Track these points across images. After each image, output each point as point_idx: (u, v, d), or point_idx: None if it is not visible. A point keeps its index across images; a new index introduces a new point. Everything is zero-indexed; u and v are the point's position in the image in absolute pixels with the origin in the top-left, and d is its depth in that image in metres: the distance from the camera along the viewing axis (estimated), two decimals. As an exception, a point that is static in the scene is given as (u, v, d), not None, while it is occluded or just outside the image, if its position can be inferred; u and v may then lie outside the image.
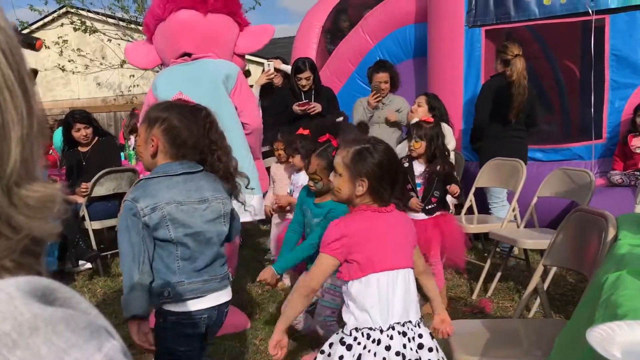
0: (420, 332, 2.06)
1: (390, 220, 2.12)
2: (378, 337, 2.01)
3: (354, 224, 2.08)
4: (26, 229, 0.48)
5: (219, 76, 3.41)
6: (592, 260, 2.16)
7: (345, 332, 2.07)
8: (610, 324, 1.26)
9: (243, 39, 3.63)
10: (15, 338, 0.39)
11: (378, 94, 5.26)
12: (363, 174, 2.06)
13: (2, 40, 0.48)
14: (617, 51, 5.31)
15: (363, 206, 2.10)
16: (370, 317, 2.03)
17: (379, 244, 2.07)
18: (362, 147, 2.10)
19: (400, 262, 2.10)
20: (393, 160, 2.13)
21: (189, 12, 3.49)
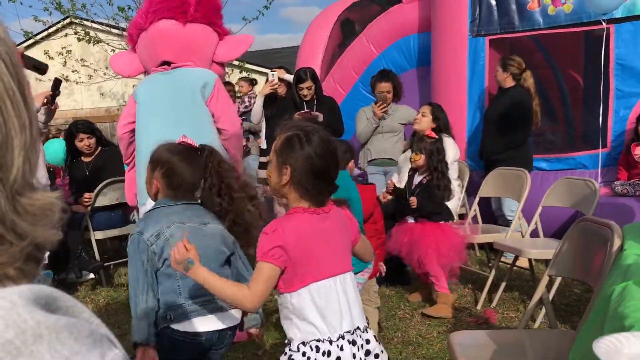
0: (368, 338, 1.96)
1: (327, 222, 1.95)
2: (327, 348, 1.88)
3: (289, 230, 1.88)
4: (30, 235, 0.48)
5: (197, 84, 3.46)
6: (597, 270, 2.15)
7: (293, 349, 1.93)
8: (617, 335, 1.25)
9: (222, 47, 3.69)
10: (19, 345, 0.39)
11: (384, 105, 5.26)
12: (287, 162, 1.89)
13: (3, 51, 0.48)
14: (622, 60, 5.32)
15: (299, 208, 1.93)
16: (316, 329, 1.90)
17: (318, 251, 1.92)
18: (293, 134, 1.93)
19: (340, 266, 1.97)
20: (326, 153, 1.92)
21: (169, 21, 3.58)
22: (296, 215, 1.93)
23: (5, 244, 0.47)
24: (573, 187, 4.03)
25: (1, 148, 0.47)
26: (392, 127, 5.36)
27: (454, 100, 5.84)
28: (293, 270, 1.89)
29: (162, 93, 3.53)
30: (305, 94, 5.20)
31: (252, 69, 13.59)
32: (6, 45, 0.49)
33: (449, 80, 5.97)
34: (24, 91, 0.50)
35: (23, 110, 0.49)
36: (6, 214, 0.47)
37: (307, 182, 1.89)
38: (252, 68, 13.67)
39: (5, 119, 0.47)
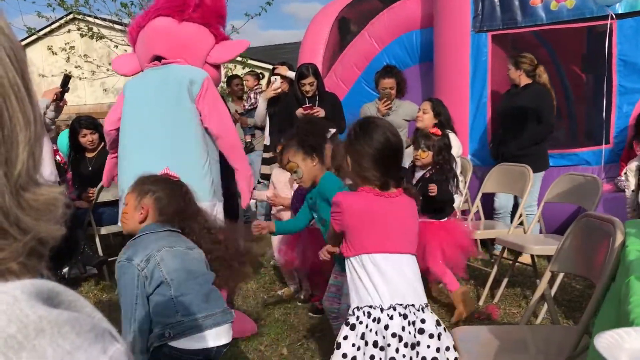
0: (424, 317, 2.05)
1: (391, 204, 2.13)
2: (378, 315, 2.02)
3: (350, 200, 2.14)
4: (35, 231, 0.48)
5: (184, 81, 3.46)
6: (599, 266, 2.15)
7: (350, 313, 2.11)
8: (619, 330, 1.25)
9: (216, 49, 3.70)
10: (21, 340, 0.39)
11: (388, 101, 5.24)
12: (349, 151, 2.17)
13: (7, 46, 0.48)
14: (624, 56, 5.30)
15: (366, 188, 2.14)
16: (369, 295, 2.05)
17: (374, 226, 2.09)
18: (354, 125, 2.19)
19: (399, 246, 2.11)
20: (387, 143, 2.14)
21: (165, 18, 3.61)
22: (361, 192, 2.16)
23: (9, 239, 0.47)
24: (576, 183, 4.02)
25: (6, 143, 0.47)
26: (396, 123, 5.33)
27: (457, 96, 5.83)
28: (350, 237, 2.12)
29: (148, 88, 3.55)
30: (308, 89, 5.19)
31: (255, 65, 13.58)
32: (10, 42, 0.49)
33: (451, 76, 5.96)
34: (29, 87, 0.50)
35: (28, 106, 0.49)
36: (10, 209, 0.47)
37: (370, 168, 2.12)
38: (255, 64, 13.67)
39: (10, 114, 0.47)
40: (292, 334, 3.70)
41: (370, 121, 2.21)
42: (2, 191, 0.46)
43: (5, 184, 0.47)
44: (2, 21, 0.49)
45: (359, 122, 2.21)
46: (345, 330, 2.08)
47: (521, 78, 5.21)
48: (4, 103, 0.47)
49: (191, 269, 2.21)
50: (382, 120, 2.22)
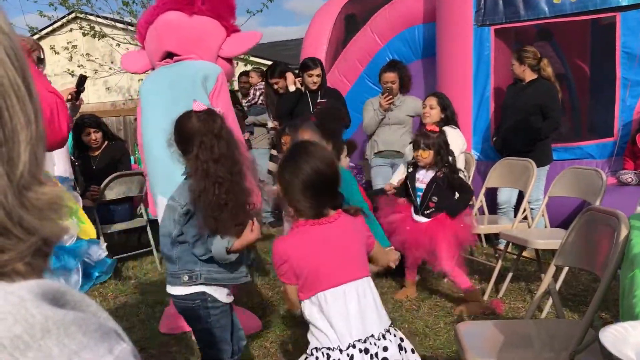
0: (385, 345, 1.94)
1: (331, 231, 1.99)
2: (337, 357, 1.91)
3: (291, 246, 2.00)
4: (39, 231, 0.48)
5: (198, 76, 3.42)
6: (604, 260, 2.15)
7: (307, 352, 2.00)
8: (624, 324, 1.25)
9: (228, 43, 3.65)
10: (27, 340, 0.39)
11: (390, 96, 5.23)
12: (280, 181, 2.02)
13: (7, 45, 0.48)
14: (628, 49, 5.28)
15: (301, 221, 2.01)
16: (327, 337, 1.94)
17: (323, 260, 1.96)
18: (285, 155, 2.07)
19: (349, 274, 1.98)
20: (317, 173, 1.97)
21: (174, 13, 3.56)
22: (298, 229, 2.02)
23: (12, 239, 0.47)
24: (580, 177, 4.01)
25: (7, 143, 0.47)
26: (399, 118, 5.34)
27: (459, 91, 5.82)
28: (302, 281, 1.98)
29: (163, 85, 3.52)
30: (315, 81, 5.18)
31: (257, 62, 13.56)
32: (11, 40, 0.49)
33: (454, 70, 5.95)
34: (29, 86, 0.50)
35: (29, 105, 0.49)
36: (13, 208, 0.47)
37: (300, 199, 1.97)
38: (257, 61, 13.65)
39: (11, 114, 0.47)
40: (297, 330, 3.71)
41: (301, 148, 2.04)
42: (5, 191, 0.46)
43: (7, 183, 0.47)
44: (2, 20, 0.49)
45: (290, 148, 2.08)
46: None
47: (526, 73, 5.19)
48: (4, 102, 0.47)
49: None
50: (314, 147, 2.05)
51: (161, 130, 3.51)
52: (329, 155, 2.06)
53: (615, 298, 3.70)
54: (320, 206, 2.00)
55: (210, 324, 2.44)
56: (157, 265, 5.53)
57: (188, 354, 3.45)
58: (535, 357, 2.26)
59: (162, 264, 5.60)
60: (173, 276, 2.45)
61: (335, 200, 2.04)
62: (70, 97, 4.06)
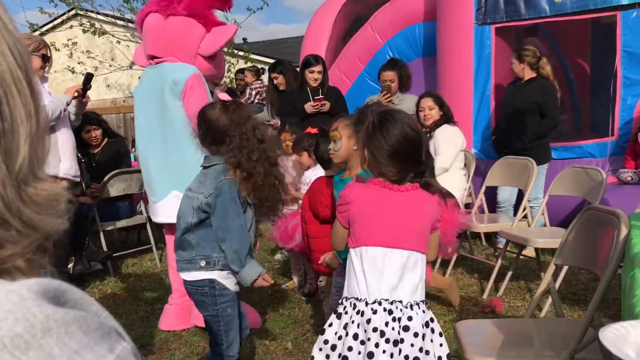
0: (410, 315, 2.00)
1: (400, 198, 2.07)
2: (362, 308, 2.01)
3: (357, 193, 2.10)
4: (39, 226, 0.49)
5: (167, 81, 3.45)
6: (604, 259, 2.15)
7: (339, 302, 2.12)
8: (624, 323, 1.25)
9: (205, 40, 3.65)
10: (28, 339, 0.39)
11: (388, 94, 5.23)
12: (367, 145, 2.10)
13: (10, 42, 0.49)
14: (628, 48, 5.28)
15: (375, 180, 2.10)
16: (357, 288, 2.05)
17: (377, 219, 2.06)
18: (376, 120, 2.12)
19: (400, 242, 2.05)
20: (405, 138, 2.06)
21: (153, 16, 3.58)
22: (369, 184, 2.12)
23: (11, 230, 0.47)
24: (580, 176, 4.01)
25: (7, 136, 0.48)
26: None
27: (460, 89, 5.82)
28: (355, 228, 2.09)
29: (144, 92, 3.61)
30: (316, 77, 5.17)
31: (257, 60, 13.57)
32: (13, 37, 0.50)
33: (454, 69, 5.95)
34: (31, 81, 0.51)
35: (29, 100, 0.50)
36: (12, 200, 0.47)
37: (388, 164, 2.06)
38: (257, 58, 13.66)
39: (12, 107, 0.48)
40: (297, 328, 3.71)
41: (388, 114, 2.12)
42: (4, 182, 0.47)
43: (6, 174, 0.47)
44: (5, 17, 0.50)
45: (377, 115, 2.13)
46: (332, 318, 2.10)
47: (525, 71, 5.19)
48: (5, 97, 0.47)
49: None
50: (401, 114, 2.13)
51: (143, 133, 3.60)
52: (415, 122, 2.17)
53: (615, 297, 3.70)
54: (406, 171, 2.09)
55: (218, 311, 2.51)
56: (157, 262, 5.53)
57: (188, 352, 3.46)
58: (535, 355, 2.27)
59: (162, 261, 5.60)
60: (189, 262, 2.51)
61: (420, 165, 2.12)
62: (76, 94, 4.09)
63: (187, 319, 3.75)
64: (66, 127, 4.09)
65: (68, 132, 4.10)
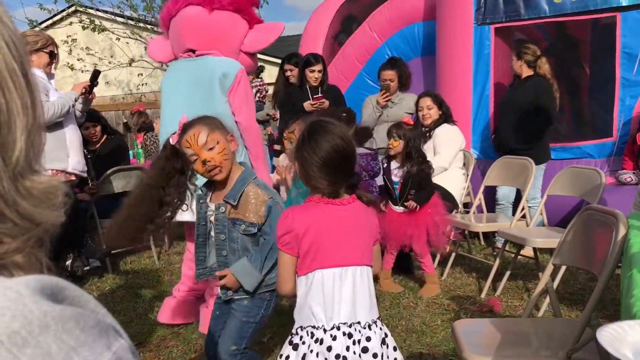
0: (369, 336, 1.94)
1: (343, 213, 2.00)
2: (321, 336, 1.93)
3: (300, 216, 1.98)
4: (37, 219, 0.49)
5: (216, 74, 3.44)
6: (602, 259, 2.15)
7: (293, 332, 2.02)
8: (621, 324, 1.25)
9: (250, 37, 3.63)
10: (25, 336, 0.39)
11: (387, 93, 5.23)
12: (297, 157, 2.00)
13: (6, 34, 0.49)
14: (628, 49, 5.28)
15: (315, 197, 2.00)
16: (313, 316, 1.96)
17: (325, 239, 1.96)
18: (304, 130, 2.03)
19: (350, 258, 1.99)
20: (337, 147, 1.97)
21: (195, 8, 3.53)
22: (310, 203, 2.01)
23: (7, 223, 0.47)
24: (578, 176, 4.02)
25: (3, 128, 0.48)
26: (398, 116, 5.33)
27: (459, 89, 5.82)
28: (302, 255, 1.97)
29: (181, 80, 3.54)
30: (316, 76, 5.17)
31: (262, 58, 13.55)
32: (9, 29, 0.50)
33: (454, 68, 5.94)
34: (27, 73, 0.51)
35: (25, 92, 0.50)
36: (9, 193, 0.47)
37: (318, 177, 1.96)
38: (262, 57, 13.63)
39: (8, 99, 0.48)
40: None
41: (318, 126, 2.02)
42: (0, 175, 0.47)
43: (3, 167, 0.47)
44: (0, 8, 0.50)
45: (307, 126, 2.05)
46: (288, 349, 2.00)
47: (522, 68, 5.19)
48: (0, 89, 0.47)
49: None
50: (332, 125, 2.03)
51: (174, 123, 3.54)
52: (347, 132, 2.05)
53: (612, 297, 3.71)
54: (338, 183, 2.00)
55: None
56: (155, 260, 5.53)
57: (185, 349, 3.46)
58: (532, 355, 2.27)
59: (160, 259, 5.61)
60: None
61: (352, 178, 2.05)
62: (83, 90, 4.13)
63: (188, 314, 3.74)
64: (73, 123, 4.13)
65: (75, 128, 4.13)
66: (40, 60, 4.03)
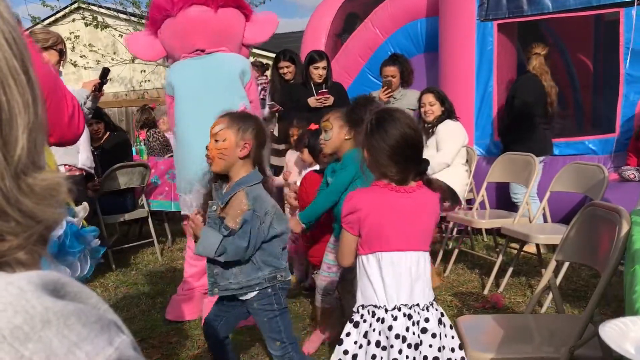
0: (427, 317, 2.02)
1: (407, 200, 2.04)
2: (382, 315, 1.99)
3: (365, 199, 2.05)
4: (39, 216, 0.49)
5: (236, 71, 3.48)
6: (605, 255, 2.15)
7: (354, 310, 2.09)
8: (624, 319, 1.25)
9: (250, 30, 3.65)
10: (27, 331, 0.39)
11: (389, 89, 5.22)
12: (366, 144, 2.06)
13: (6, 30, 0.49)
14: (631, 45, 5.26)
15: (380, 182, 2.07)
16: (375, 295, 2.02)
17: (389, 223, 2.02)
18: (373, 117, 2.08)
19: (413, 244, 2.05)
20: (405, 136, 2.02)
21: (200, 8, 3.52)
22: (374, 187, 2.08)
23: (10, 222, 0.47)
24: (582, 172, 4.01)
25: (4, 127, 0.47)
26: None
27: (462, 86, 5.81)
28: (365, 236, 2.05)
29: (196, 77, 3.55)
30: (321, 73, 5.16)
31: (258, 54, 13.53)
32: (10, 26, 0.49)
33: (456, 65, 5.93)
34: (28, 72, 0.50)
35: (26, 89, 0.49)
36: (11, 191, 0.47)
37: (388, 165, 2.03)
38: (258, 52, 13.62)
39: (9, 97, 0.48)
40: (298, 323, 3.72)
41: (386, 114, 2.08)
42: (2, 173, 0.47)
43: (4, 166, 0.47)
44: (1, 5, 0.49)
45: (376, 114, 2.10)
46: (349, 327, 2.06)
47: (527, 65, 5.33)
48: (1, 87, 0.47)
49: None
50: (399, 113, 2.09)
51: (194, 120, 3.54)
52: (414, 120, 2.11)
53: (615, 294, 3.70)
54: (407, 171, 2.05)
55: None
56: (158, 256, 5.54)
57: (188, 345, 3.46)
58: (535, 351, 2.27)
59: (163, 255, 5.61)
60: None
61: (420, 165, 2.09)
62: (94, 88, 4.18)
63: (195, 310, 3.76)
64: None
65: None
66: (51, 58, 4.06)
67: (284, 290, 2.54)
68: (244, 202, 2.37)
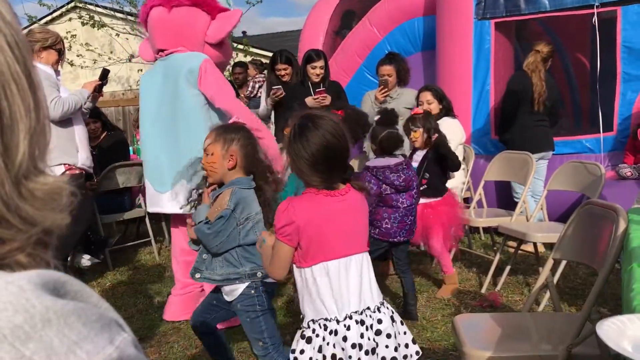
0: (380, 317, 1.98)
1: (342, 204, 1.99)
2: (335, 327, 1.93)
3: (301, 208, 1.95)
4: (39, 221, 0.48)
5: (182, 71, 3.51)
6: (602, 254, 2.15)
7: (304, 325, 2.01)
8: (621, 317, 1.25)
9: (212, 27, 3.68)
10: (28, 330, 0.39)
11: (385, 88, 5.22)
12: (291, 150, 1.99)
13: (8, 34, 0.48)
14: (628, 43, 5.27)
15: (313, 189, 1.98)
16: (325, 307, 1.95)
17: (328, 231, 1.96)
18: (298, 123, 2.00)
19: (354, 247, 2.01)
20: (333, 139, 1.95)
21: (157, 9, 3.64)
22: (308, 195, 1.99)
23: (11, 229, 0.47)
24: (579, 171, 4.02)
25: (6, 132, 0.47)
26: (398, 111, 5.31)
27: (459, 84, 5.81)
28: (305, 247, 1.96)
29: (154, 83, 3.65)
30: (318, 73, 5.15)
31: (256, 53, 13.52)
32: (12, 29, 0.49)
33: (454, 64, 5.93)
34: (30, 75, 0.50)
35: (28, 94, 0.49)
36: (11, 198, 0.47)
37: (310, 174, 1.96)
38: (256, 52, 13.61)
39: (10, 102, 0.47)
40: (295, 322, 3.72)
41: (308, 121, 1.98)
42: (2, 180, 0.46)
43: (5, 173, 0.46)
44: (3, 8, 0.49)
45: (298, 122, 2.00)
46: (302, 343, 1.97)
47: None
48: (3, 92, 0.47)
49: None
50: (323, 120, 1.98)
51: (153, 122, 3.63)
52: (338, 126, 2.00)
53: (612, 292, 3.71)
54: (331, 179, 1.99)
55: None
56: (156, 255, 5.54)
57: (186, 344, 3.46)
58: (533, 349, 2.27)
59: (161, 254, 5.61)
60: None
61: (345, 172, 2.04)
62: (94, 89, 4.25)
63: (192, 310, 3.76)
64: (81, 120, 4.22)
65: (82, 124, 4.22)
66: (50, 58, 4.07)
67: (268, 294, 2.59)
68: (225, 201, 2.47)
